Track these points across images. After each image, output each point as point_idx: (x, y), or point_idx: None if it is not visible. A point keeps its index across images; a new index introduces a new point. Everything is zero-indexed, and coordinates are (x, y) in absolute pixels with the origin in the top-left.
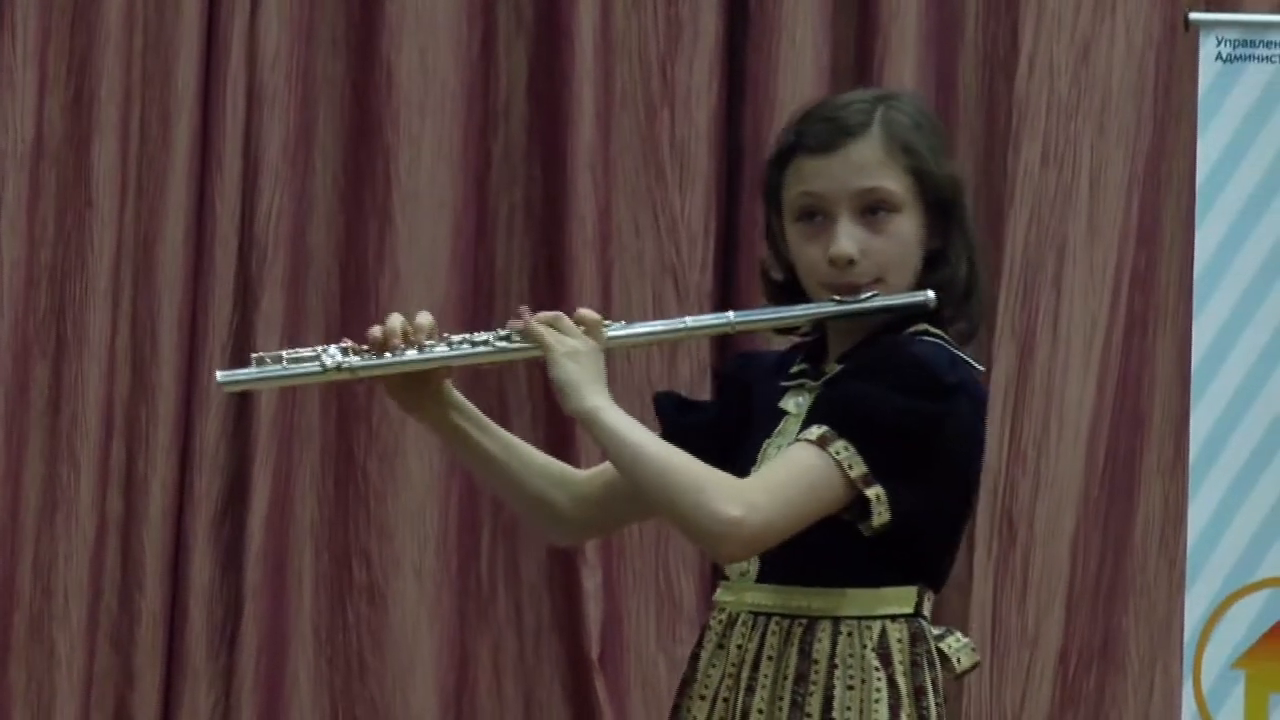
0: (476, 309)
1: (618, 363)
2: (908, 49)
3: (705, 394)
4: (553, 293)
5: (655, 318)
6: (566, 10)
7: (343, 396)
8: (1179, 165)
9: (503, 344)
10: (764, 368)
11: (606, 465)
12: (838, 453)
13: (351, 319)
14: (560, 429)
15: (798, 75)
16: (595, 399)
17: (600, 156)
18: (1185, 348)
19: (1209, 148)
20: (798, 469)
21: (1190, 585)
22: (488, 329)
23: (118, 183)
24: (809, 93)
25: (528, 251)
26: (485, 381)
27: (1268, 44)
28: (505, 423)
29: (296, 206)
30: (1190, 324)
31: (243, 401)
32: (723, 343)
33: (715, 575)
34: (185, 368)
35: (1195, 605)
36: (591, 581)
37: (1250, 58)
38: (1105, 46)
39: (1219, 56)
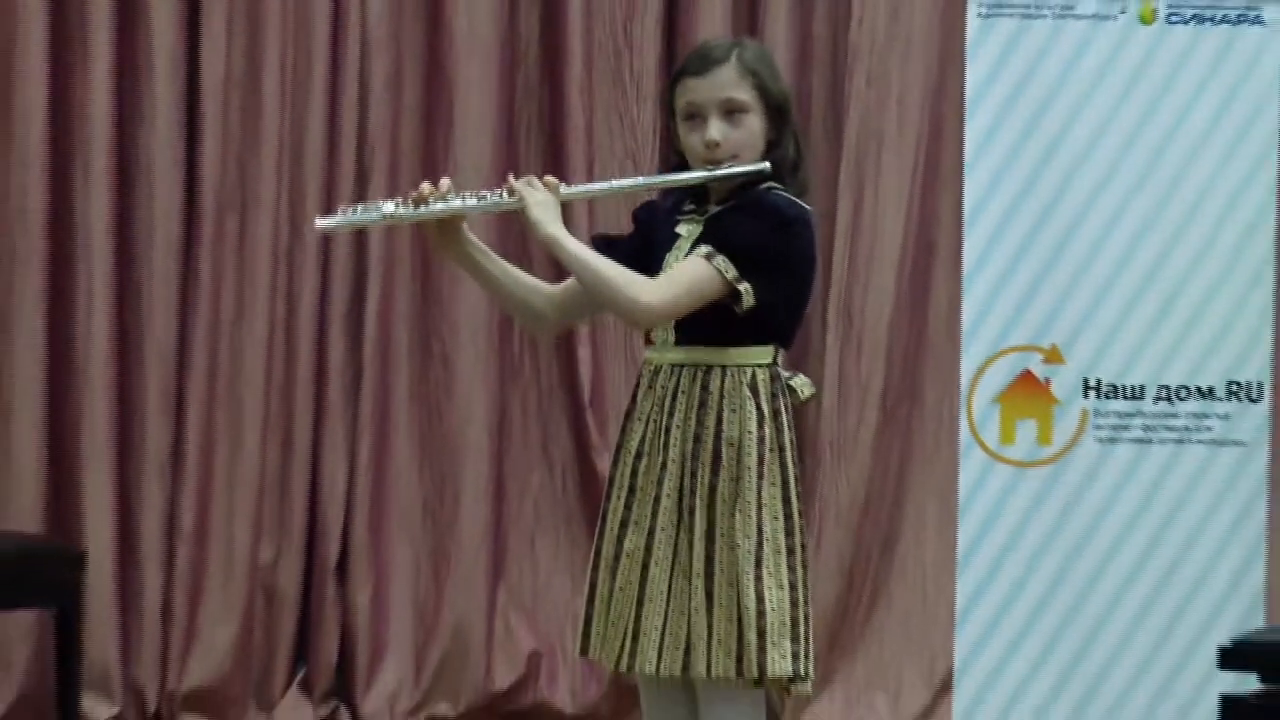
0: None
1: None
2: (780, 19)
3: None
4: (555, 174)
5: None
6: None
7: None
8: (956, 91)
9: (497, 199)
10: (663, 210)
11: (568, 282)
12: (718, 263)
13: None
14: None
15: (710, 28)
16: (555, 230)
17: (586, 84)
18: (959, 198)
19: (975, 77)
20: (691, 272)
21: (966, 349)
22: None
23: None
24: (715, 35)
25: (541, 147)
26: (510, 233)
27: (1011, 7)
28: (527, 260)
29: (394, 125)
30: (962, 182)
31: (359, 245)
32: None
33: (647, 344)
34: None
35: (970, 363)
36: (585, 351)
37: (998, 16)
38: (908, 10)
39: (979, 14)
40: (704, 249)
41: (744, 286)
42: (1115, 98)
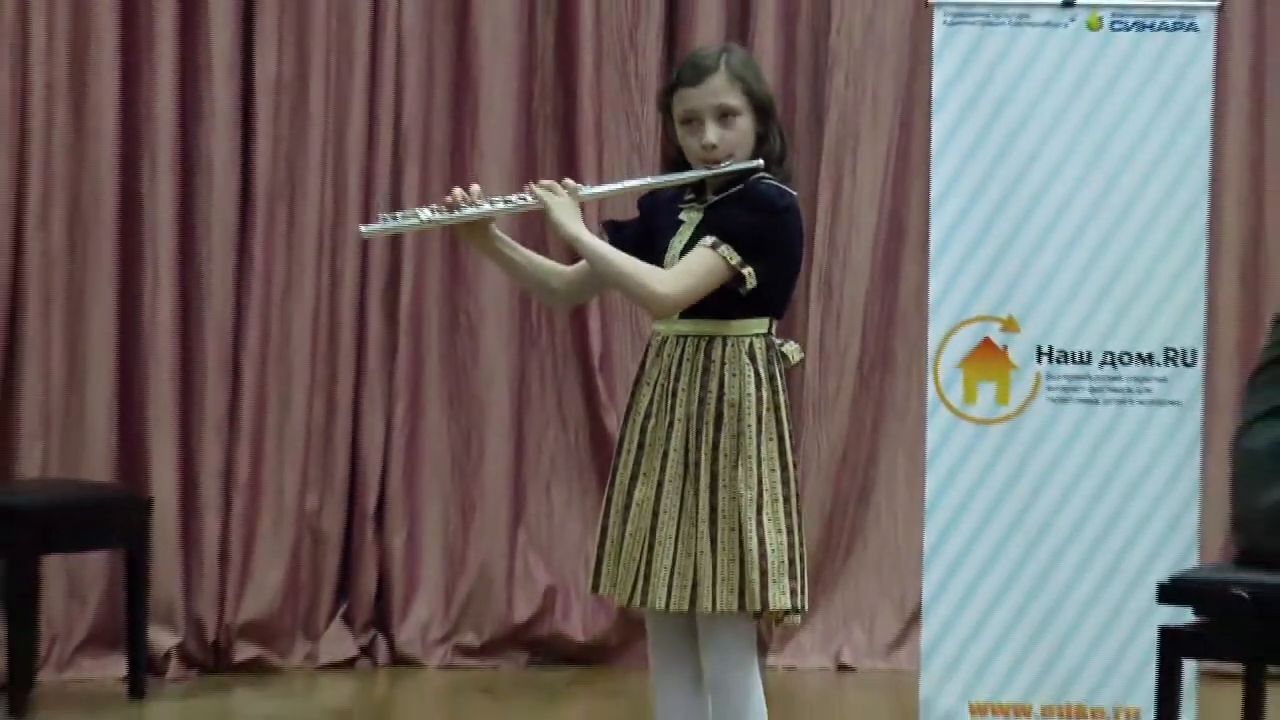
0: (528, 177)
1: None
2: (769, 27)
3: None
4: (569, 167)
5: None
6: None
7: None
8: (924, 90)
9: (522, 201)
10: (664, 200)
11: (580, 264)
12: (723, 252)
13: (454, 184)
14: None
15: (706, 42)
16: (576, 229)
17: (595, 85)
18: (926, 186)
19: (940, 78)
20: (700, 263)
21: (933, 319)
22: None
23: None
24: (710, 41)
25: (555, 143)
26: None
27: (973, 16)
28: (544, 249)
29: (425, 120)
30: (929, 171)
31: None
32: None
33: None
34: (365, 207)
35: (936, 332)
36: (595, 323)
37: (961, 24)
38: (881, 19)
39: (944, 22)
40: (709, 240)
41: (747, 271)
42: (1066, 96)
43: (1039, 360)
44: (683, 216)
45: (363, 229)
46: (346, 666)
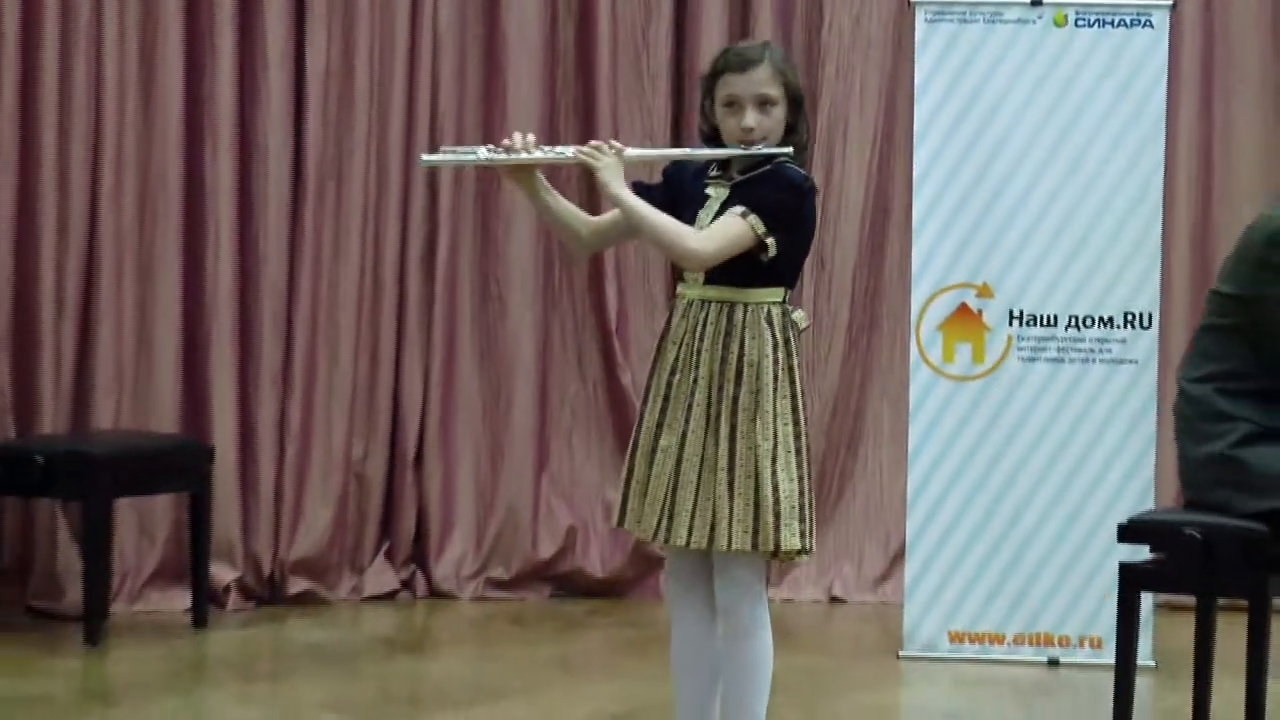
0: None
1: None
2: (767, 25)
3: None
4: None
5: None
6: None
7: (488, 225)
8: (907, 81)
9: (569, 155)
10: (690, 171)
11: (608, 213)
12: (751, 221)
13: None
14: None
15: (711, 39)
16: (619, 189)
17: (611, 79)
18: (909, 167)
19: (922, 70)
20: (730, 228)
21: (915, 287)
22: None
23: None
24: (716, 42)
25: (576, 129)
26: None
27: (951, 14)
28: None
29: (459, 109)
30: (912, 153)
31: (432, 203)
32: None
33: (675, 280)
34: (405, 185)
35: (918, 298)
36: (612, 288)
37: (940, 21)
38: (868, 17)
39: (925, 19)
40: (739, 209)
41: (770, 240)
42: (1034, 86)
43: (1010, 323)
44: (709, 191)
45: (423, 157)
46: (388, 598)
